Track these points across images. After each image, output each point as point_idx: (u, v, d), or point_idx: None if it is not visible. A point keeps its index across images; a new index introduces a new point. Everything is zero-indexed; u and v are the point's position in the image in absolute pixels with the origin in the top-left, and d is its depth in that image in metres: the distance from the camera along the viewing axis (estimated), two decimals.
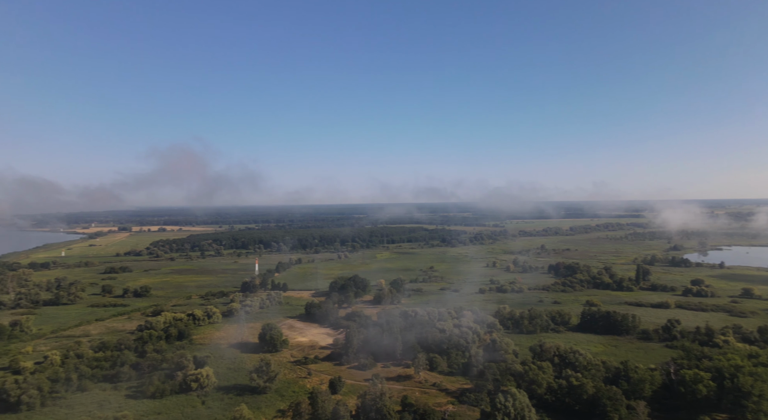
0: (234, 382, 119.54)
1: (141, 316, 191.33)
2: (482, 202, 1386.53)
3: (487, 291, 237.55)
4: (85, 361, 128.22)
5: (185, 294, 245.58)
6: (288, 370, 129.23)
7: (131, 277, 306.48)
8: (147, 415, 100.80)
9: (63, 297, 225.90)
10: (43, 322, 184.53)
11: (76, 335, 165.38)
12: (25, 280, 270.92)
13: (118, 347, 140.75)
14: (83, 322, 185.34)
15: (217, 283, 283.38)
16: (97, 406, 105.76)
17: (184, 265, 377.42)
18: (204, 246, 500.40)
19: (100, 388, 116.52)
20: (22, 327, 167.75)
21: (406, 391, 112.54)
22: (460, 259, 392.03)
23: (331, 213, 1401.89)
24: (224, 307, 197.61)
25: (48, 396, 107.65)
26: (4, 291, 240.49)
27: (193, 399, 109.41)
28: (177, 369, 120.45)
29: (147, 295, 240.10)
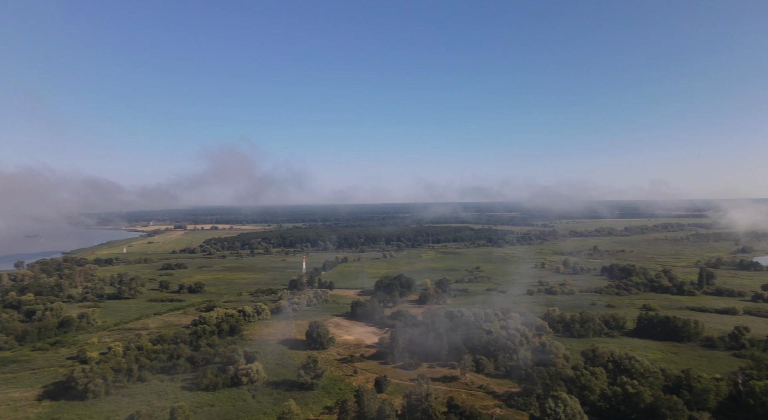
0: (282, 378, 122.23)
1: (195, 312, 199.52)
2: (530, 202, 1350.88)
3: (535, 292, 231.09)
4: (144, 353, 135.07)
5: (236, 291, 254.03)
6: (334, 367, 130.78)
7: (186, 274, 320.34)
8: (201, 406, 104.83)
9: (124, 291, 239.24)
10: (107, 315, 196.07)
11: (136, 328, 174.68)
12: (91, 275, 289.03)
13: (174, 341, 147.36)
14: (143, 315, 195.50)
15: (266, 280, 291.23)
16: (155, 396, 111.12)
17: (234, 263, 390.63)
18: (253, 244, 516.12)
19: (158, 379, 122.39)
20: (88, 319, 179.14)
21: (452, 392, 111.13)
22: (507, 259, 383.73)
23: (375, 212, 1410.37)
24: (273, 304, 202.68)
25: (111, 385, 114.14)
26: (72, 285, 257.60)
27: (243, 393, 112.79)
28: (229, 363, 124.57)
29: (200, 291, 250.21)
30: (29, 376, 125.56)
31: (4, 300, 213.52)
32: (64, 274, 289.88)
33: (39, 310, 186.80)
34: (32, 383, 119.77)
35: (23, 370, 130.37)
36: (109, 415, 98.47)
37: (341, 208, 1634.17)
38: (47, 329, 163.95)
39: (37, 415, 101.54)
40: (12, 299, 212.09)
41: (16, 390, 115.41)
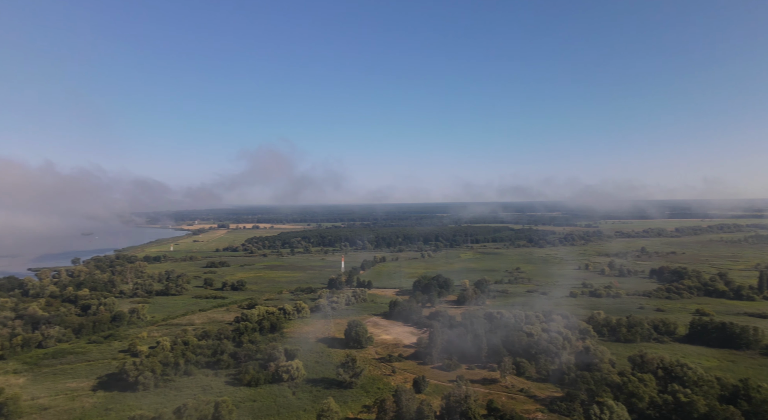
0: (322, 376, 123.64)
1: (238, 309, 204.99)
2: (572, 201, 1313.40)
3: (578, 295, 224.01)
4: (190, 348, 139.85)
5: (277, 289, 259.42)
6: (373, 366, 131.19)
7: (229, 272, 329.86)
8: (243, 401, 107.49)
9: (171, 288, 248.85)
10: (156, 311, 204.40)
11: (182, 324, 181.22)
12: (141, 272, 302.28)
13: (218, 337, 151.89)
14: (188, 311, 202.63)
15: (306, 279, 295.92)
16: (201, 390, 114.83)
17: (275, 262, 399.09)
18: (293, 243, 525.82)
19: (203, 373, 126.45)
20: (138, 314, 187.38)
21: (491, 395, 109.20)
22: (549, 260, 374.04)
23: (413, 211, 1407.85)
24: (312, 302, 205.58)
25: (160, 378, 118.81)
26: (124, 281, 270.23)
27: (284, 389, 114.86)
28: (270, 360, 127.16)
29: (243, 289, 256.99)
30: (85, 367, 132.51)
31: (62, 295, 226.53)
32: (116, 270, 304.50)
33: (93, 305, 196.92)
34: (88, 374, 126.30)
35: (79, 361, 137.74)
36: (158, 407, 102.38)
37: (378, 208, 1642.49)
38: (101, 323, 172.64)
39: (92, 405, 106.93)
40: (69, 294, 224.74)
41: (73, 380, 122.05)
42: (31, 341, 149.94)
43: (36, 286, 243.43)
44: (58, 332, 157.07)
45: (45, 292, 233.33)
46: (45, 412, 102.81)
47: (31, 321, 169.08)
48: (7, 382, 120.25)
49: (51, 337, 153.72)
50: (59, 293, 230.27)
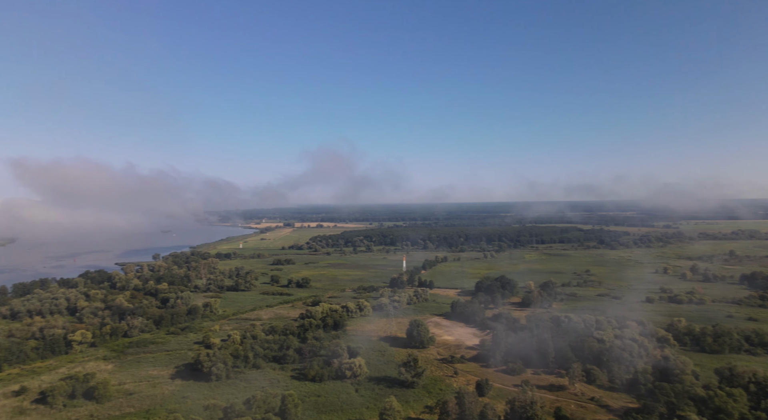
0: (384, 374, 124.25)
1: (302, 305, 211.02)
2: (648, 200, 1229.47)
3: (656, 300, 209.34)
4: (258, 342, 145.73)
5: (339, 287, 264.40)
6: (434, 367, 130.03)
7: (294, 269, 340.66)
8: (308, 396, 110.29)
9: (241, 284, 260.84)
10: (227, 305, 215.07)
11: (251, 318, 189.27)
12: (213, 268, 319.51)
13: (284, 332, 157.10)
14: (256, 307, 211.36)
15: (368, 277, 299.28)
16: (268, 383, 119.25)
17: (338, 260, 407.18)
18: (356, 242, 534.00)
19: (270, 367, 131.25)
20: (211, 308, 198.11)
21: (559, 402, 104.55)
22: (622, 263, 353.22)
23: (474, 211, 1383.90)
24: (374, 301, 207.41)
25: (231, 370, 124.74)
26: (198, 277, 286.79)
27: (347, 386, 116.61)
28: (333, 356, 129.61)
29: (307, 286, 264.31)
30: (164, 356, 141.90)
31: (144, 288, 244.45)
32: (191, 266, 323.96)
33: (172, 298, 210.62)
34: (167, 363, 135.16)
35: (159, 351, 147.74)
36: (229, 397, 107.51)
37: (438, 207, 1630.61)
38: (178, 315, 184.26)
39: (171, 392, 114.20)
40: (151, 288, 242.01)
41: (154, 368, 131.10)
42: (118, 330, 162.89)
43: (122, 279, 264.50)
44: (141, 323, 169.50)
45: (130, 285, 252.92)
46: (130, 397, 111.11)
47: (118, 312, 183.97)
48: (98, 367, 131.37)
49: (135, 328, 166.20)
50: (142, 286, 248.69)
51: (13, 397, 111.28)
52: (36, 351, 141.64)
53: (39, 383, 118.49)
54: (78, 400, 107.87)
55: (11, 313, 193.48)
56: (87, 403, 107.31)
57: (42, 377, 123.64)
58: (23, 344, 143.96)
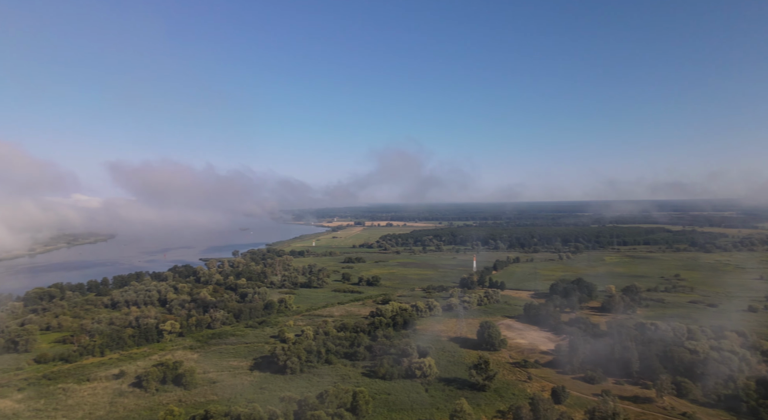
0: (453, 375, 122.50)
1: (373, 304, 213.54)
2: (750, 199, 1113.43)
3: (760, 310, 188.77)
4: (330, 338, 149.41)
5: (409, 286, 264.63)
6: (506, 370, 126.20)
7: (364, 268, 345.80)
8: (379, 393, 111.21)
9: (313, 281, 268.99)
10: (300, 301, 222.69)
11: (323, 315, 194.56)
12: (288, 265, 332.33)
13: (355, 329, 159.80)
14: (328, 304, 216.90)
15: (437, 277, 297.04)
16: (340, 378, 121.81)
17: (407, 259, 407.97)
18: (425, 241, 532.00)
19: (342, 363, 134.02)
20: (286, 304, 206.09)
21: (645, 415, 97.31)
22: (719, 267, 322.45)
23: (547, 210, 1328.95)
24: (444, 301, 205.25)
25: (305, 364, 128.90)
26: (273, 273, 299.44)
27: (417, 385, 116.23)
28: (403, 355, 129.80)
29: (377, 285, 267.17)
30: (243, 348, 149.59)
31: (225, 283, 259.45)
32: (267, 263, 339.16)
33: (249, 293, 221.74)
34: (246, 355, 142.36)
35: (239, 343, 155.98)
36: (303, 391, 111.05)
37: (508, 206, 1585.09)
38: (256, 310, 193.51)
39: (250, 382, 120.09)
40: (231, 282, 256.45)
41: (234, 359, 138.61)
42: (202, 322, 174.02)
43: (205, 274, 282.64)
44: (223, 316, 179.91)
45: (212, 279, 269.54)
46: (214, 385, 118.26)
47: (202, 304, 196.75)
48: (185, 356, 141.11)
49: (217, 320, 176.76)
50: (223, 281, 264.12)
51: (114, 379, 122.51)
52: (132, 338, 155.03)
53: (135, 368, 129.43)
54: (168, 385, 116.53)
55: (112, 303, 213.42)
56: (176, 388, 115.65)
57: (138, 363, 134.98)
58: (122, 332, 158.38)
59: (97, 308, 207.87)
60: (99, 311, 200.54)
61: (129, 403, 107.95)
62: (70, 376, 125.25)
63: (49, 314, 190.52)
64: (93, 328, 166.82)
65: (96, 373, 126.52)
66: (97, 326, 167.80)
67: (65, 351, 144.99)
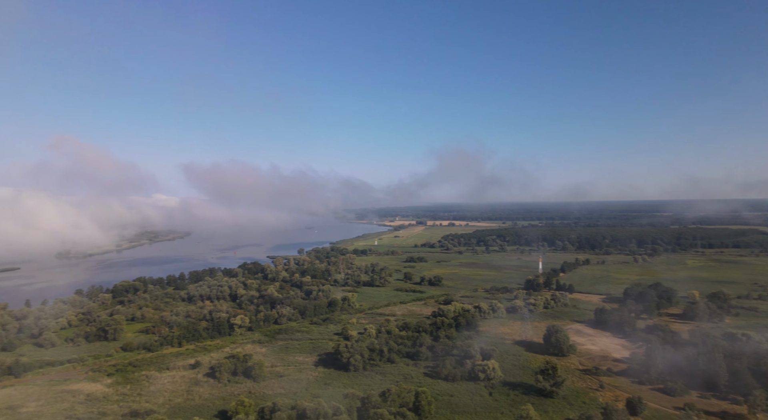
0: (518, 380, 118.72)
1: (435, 304, 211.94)
2: None
3: None
4: (392, 337, 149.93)
5: (471, 286, 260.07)
6: (576, 377, 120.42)
7: (426, 267, 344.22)
8: (441, 395, 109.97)
9: (376, 280, 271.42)
10: (362, 300, 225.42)
11: (385, 314, 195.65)
12: (351, 264, 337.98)
13: (417, 329, 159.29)
14: (390, 303, 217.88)
15: (501, 278, 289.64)
16: (402, 377, 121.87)
17: (470, 259, 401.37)
18: (488, 241, 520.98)
19: (404, 362, 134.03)
20: (349, 302, 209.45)
21: None
22: None
23: (620, 210, 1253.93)
24: (508, 303, 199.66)
25: (367, 362, 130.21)
26: (337, 271, 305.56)
27: (480, 388, 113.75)
28: (465, 357, 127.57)
29: (439, 285, 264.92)
30: (308, 344, 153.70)
31: (291, 280, 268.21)
32: (331, 261, 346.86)
33: (314, 291, 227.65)
34: (310, 351, 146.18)
35: (304, 339, 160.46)
36: (366, 388, 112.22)
37: (575, 205, 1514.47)
38: (320, 307, 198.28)
39: (315, 378, 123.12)
40: (296, 280, 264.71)
41: (300, 355, 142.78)
42: (270, 318, 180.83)
43: (272, 271, 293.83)
44: (289, 312, 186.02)
45: (279, 277, 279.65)
46: (281, 379, 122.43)
47: (269, 300, 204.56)
48: (254, 349, 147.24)
49: (283, 316, 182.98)
50: (289, 278, 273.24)
51: (190, 369, 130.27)
52: (206, 331, 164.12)
53: (209, 359, 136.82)
54: (239, 377, 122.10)
55: (188, 297, 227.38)
56: (246, 380, 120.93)
57: (211, 354, 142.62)
58: (197, 324, 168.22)
59: (175, 301, 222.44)
60: (177, 304, 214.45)
61: (204, 392, 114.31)
62: (152, 365, 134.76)
63: (133, 306, 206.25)
64: (172, 320, 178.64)
65: (174, 363, 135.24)
66: (175, 318, 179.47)
67: (148, 340, 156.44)
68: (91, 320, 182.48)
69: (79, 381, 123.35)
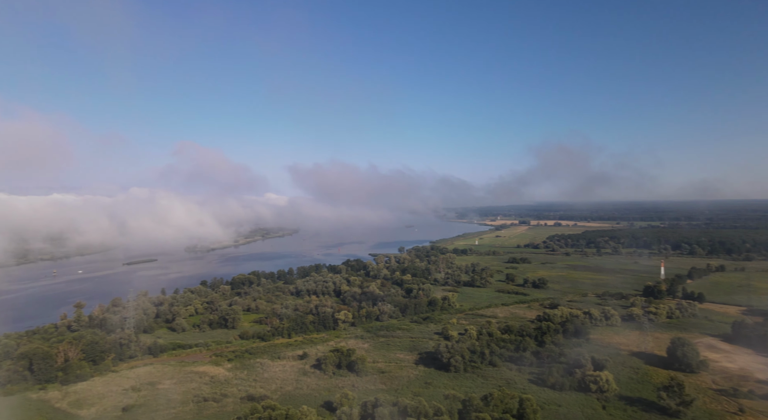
0: (637, 395, 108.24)
1: (539, 307, 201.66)
2: None
3: None
4: (494, 340, 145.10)
5: (580, 291, 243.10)
6: (708, 398, 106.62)
7: (530, 269, 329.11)
8: (548, 403, 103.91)
9: (476, 280, 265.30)
10: (462, 300, 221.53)
11: (486, 315, 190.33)
12: (451, 263, 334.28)
13: (520, 333, 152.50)
14: (491, 304, 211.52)
15: (614, 283, 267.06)
16: (504, 382, 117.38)
17: (579, 261, 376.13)
18: (600, 243, 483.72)
19: (506, 367, 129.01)
20: (449, 301, 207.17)
21: None
22: None
23: (762, 209, 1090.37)
24: (623, 310, 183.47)
25: (468, 364, 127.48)
26: (437, 270, 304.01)
27: (592, 400, 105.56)
28: (575, 366, 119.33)
29: (544, 287, 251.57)
30: (408, 342, 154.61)
31: (392, 278, 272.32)
32: (431, 260, 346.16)
33: (414, 289, 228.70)
34: (411, 349, 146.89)
35: (405, 336, 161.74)
36: (467, 390, 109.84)
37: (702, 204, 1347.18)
38: (420, 306, 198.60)
39: (416, 376, 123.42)
40: (397, 278, 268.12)
41: (400, 352, 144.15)
42: (372, 314, 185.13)
43: (374, 268, 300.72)
44: (390, 309, 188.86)
45: (380, 274, 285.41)
46: (382, 374, 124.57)
47: (371, 297, 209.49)
48: (357, 345, 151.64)
49: (384, 313, 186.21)
50: (389, 276, 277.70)
51: (298, 360, 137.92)
52: (312, 324, 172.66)
53: (315, 351, 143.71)
54: (342, 370, 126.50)
55: (296, 291, 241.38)
56: (349, 374, 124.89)
57: (317, 347, 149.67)
58: (304, 318, 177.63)
59: (285, 295, 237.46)
60: (286, 298, 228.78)
61: (311, 383, 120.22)
62: (265, 353, 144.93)
63: (248, 298, 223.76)
64: (282, 312, 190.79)
65: (284, 353, 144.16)
66: (284, 311, 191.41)
67: (261, 330, 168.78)
68: (213, 309, 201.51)
69: (205, 364, 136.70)
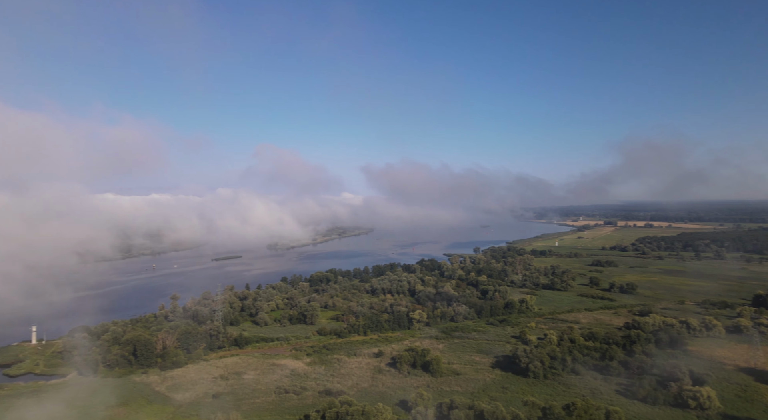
0: (745, 414, 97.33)
1: (627, 314, 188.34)
2: None
3: None
4: (576, 346, 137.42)
5: (676, 298, 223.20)
6: None
7: (616, 272, 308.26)
8: (638, 417, 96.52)
9: (557, 283, 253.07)
10: (542, 303, 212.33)
11: (567, 320, 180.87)
12: (529, 265, 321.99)
13: (605, 340, 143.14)
14: (574, 309, 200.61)
15: (717, 290, 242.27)
16: (589, 392, 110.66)
17: (674, 266, 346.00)
18: (699, 246, 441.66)
19: (590, 375, 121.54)
20: (527, 304, 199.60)
21: None
22: None
23: None
24: (728, 320, 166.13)
25: (548, 370, 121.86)
26: (514, 272, 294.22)
27: (690, 417, 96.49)
28: (669, 379, 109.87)
29: (633, 293, 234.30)
30: (484, 344, 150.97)
31: (467, 278, 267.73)
32: (507, 261, 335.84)
33: (490, 291, 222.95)
34: (487, 352, 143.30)
35: (480, 339, 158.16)
36: (547, 398, 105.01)
37: None
38: (496, 308, 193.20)
39: (492, 380, 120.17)
40: (472, 279, 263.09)
41: (476, 354, 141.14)
42: (446, 315, 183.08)
43: (449, 269, 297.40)
44: (465, 310, 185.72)
45: (455, 274, 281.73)
46: (457, 376, 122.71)
47: (445, 298, 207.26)
48: (431, 345, 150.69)
49: (459, 314, 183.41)
50: (465, 277, 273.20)
51: (374, 357, 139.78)
52: (387, 323, 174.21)
53: (390, 350, 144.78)
54: (417, 370, 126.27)
55: (371, 289, 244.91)
56: (424, 374, 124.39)
57: (392, 345, 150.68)
58: (379, 316, 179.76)
59: (360, 293, 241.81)
60: (362, 296, 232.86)
61: (386, 380, 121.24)
62: (342, 350, 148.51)
63: (326, 295, 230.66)
64: (357, 310, 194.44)
65: (360, 350, 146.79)
66: (360, 309, 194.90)
67: (338, 327, 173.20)
68: (293, 305, 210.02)
69: (285, 357, 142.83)
